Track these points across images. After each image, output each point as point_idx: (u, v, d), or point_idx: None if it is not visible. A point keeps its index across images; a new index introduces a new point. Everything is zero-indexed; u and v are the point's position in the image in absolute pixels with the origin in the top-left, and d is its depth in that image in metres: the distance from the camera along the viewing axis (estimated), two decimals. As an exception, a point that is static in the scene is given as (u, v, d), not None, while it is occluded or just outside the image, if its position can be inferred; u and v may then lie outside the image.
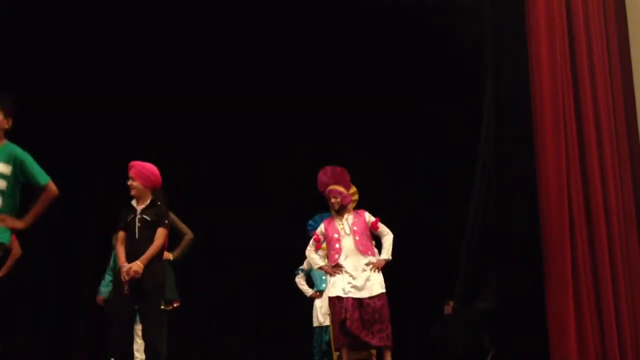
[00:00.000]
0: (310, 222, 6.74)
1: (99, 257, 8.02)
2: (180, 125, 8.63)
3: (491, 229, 6.40)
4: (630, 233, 6.10)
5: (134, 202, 5.51)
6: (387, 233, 5.84)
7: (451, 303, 7.48)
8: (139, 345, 6.51)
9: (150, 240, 5.37)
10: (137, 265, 5.22)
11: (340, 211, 5.85)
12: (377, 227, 5.85)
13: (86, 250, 8.41)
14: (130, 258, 5.33)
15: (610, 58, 6.36)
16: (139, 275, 5.22)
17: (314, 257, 5.92)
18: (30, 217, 4.54)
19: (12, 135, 4.63)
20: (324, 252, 6.12)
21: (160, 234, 5.41)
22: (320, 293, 6.81)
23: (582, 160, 6.07)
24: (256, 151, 8.97)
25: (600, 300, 5.85)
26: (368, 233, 5.83)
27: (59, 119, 8.34)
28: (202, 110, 8.66)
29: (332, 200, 5.84)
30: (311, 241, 5.97)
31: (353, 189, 6.18)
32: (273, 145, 9.00)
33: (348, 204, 5.89)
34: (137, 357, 6.54)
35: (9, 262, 6.37)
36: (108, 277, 6.82)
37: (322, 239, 5.89)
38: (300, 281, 7.04)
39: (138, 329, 6.48)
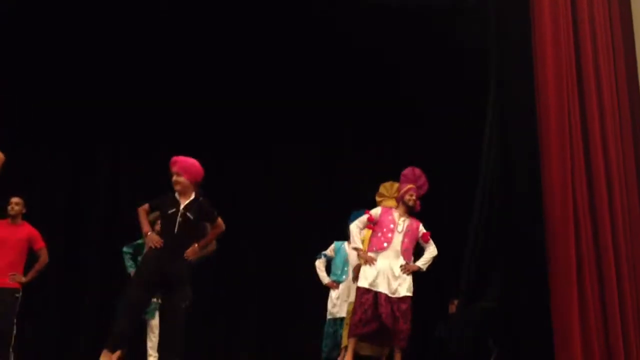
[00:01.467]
0: (354, 213, 6.55)
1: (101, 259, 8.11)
2: (180, 125, 8.63)
3: (496, 228, 6.39)
4: (635, 232, 6.09)
5: (177, 195, 5.46)
6: (434, 248, 6.05)
7: (456, 302, 7.48)
8: (153, 343, 6.54)
9: (189, 237, 5.38)
10: (195, 249, 5.35)
11: (407, 210, 6.01)
12: (428, 240, 6.04)
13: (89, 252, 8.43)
14: (166, 252, 5.30)
15: (615, 58, 6.37)
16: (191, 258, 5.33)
17: (358, 235, 5.96)
18: None
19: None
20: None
21: (219, 222, 5.53)
22: (337, 284, 6.77)
23: (587, 158, 6.07)
24: (256, 151, 8.97)
25: (605, 299, 5.84)
26: (415, 241, 5.99)
27: (64, 121, 8.36)
28: (201, 110, 8.66)
29: (412, 196, 6.00)
30: (362, 218, 6.02)
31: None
32: (273, 145, 9.00)
33: (418, 210, 6.08)
34: (150, 355, 6.57)
35: (35, 268, 6.46)
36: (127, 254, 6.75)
37: (374, 220, 5.96)
38: (320, 266, 6.96)
39: (154, 325, 6.52)
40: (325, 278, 6.90)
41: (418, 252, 6.07)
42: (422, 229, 6.03)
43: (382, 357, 6.04)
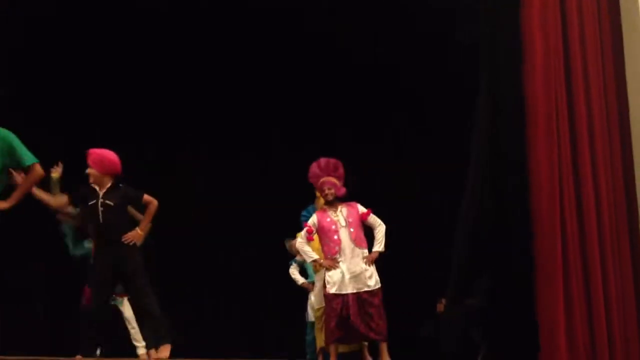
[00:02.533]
0: (303, 212, 6.57)
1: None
2: (178, 126, 8.65)
3: (483, 226, 6.42)
4: (622, 229, 6.12)
5: (96, 187, 5.56)
6: (380, 224, 5.79)
7: (443, 301, 7.50)
8: (133, 334, 6.56)
9: (116, 223, 5.46)
10: (137, 233, 5.43)
11: (333, 203, 5.79)
12: (367, 217, 5.78)
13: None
14: (101, 241, 5.47)
15: (603, 56, 6.38)
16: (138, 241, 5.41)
17: (307, 250, 5.77)
18: (14, 197, 4.59)
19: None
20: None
21: (148, 199, 5.56)
22: (313, 285, 6.70)
23: (574, 155, 6.09)
24: (254, 151, 8.99)
25: (590, 295, 5.87)
26: (361, 225, 5.78)
27: (59, 115, 8.37)
28: (200, 110, 8.69)
29: (326, 191, 5.76)
30: (302, 232, 5.86)
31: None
32: (272, 144, 9.03)
33: (342, 195, 5.82)
34: (137, 347, 6.59)
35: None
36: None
37: (314, 231, 5.78)
38: (294, 271, 6.94)
39: (130, 317, 6.54)
40: (299, 279, 6.84)
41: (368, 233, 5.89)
42: (361, 208, 5.82)
43: (363, 349, 5.97)
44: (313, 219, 5.83)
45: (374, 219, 5.81)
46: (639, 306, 5.99)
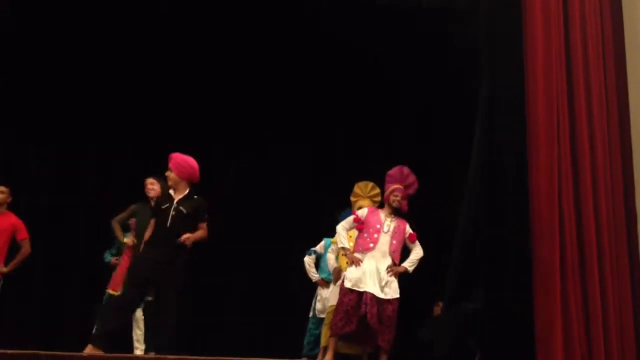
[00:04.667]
0: (342, 213, 6.55)
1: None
2: (176, 126, 8.64)
3: (481, 230, 6.40)
4: (619, 234, 6.10)
5: (171, 191, 5.62)
6: (420, 250, 5.96)
7: (441, 304, 7.48)
8: (138, 335, 6.56)
9: (181, 231, 5.45)
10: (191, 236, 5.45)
11: (393, 211, 5.94)
12: (414, 241, 5.95)
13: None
14: (155, 244, 5.44)
15: (605, 59, 6.38)
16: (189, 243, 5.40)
17: (344, 235, 5.87)
18: None
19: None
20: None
21: (203, 227, 5.57)
22: (327, 283, 6.63)
23: (574, 160, 6.09)
24: (251, 151, 8.98)
25: (588, 301, 5.85)
26: (402, 242, 5.92)
27: (53, 113, 8.36)
28: (198, 110, 8.68)
29: (396, 197, 5.92)
30: (349, 219, 5.95)
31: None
32: (270, 145, 9.01)
33: (404, 211, 5.99)
34: (137, 348, 6.60)
35: (17, 259, 6.47)
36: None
37: (361, 221, 5.87)
38: (310, 263, 6.80)
39: (139, 319, 6.53)
40: (314, 275, 6.76)
41: (405, 253, 6.01)
42: (408, 229, 5.95)
43: (364, 356, 5.99)
44: (363, 211, 5.98)
45: (417, 244, 5.97)
46: (636, 313, 5.97)
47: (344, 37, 8.02)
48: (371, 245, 5.76)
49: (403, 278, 5.92)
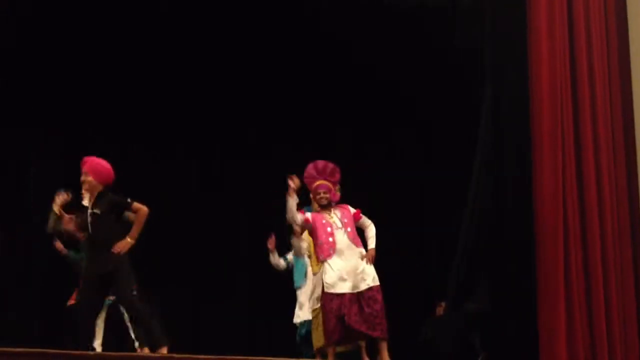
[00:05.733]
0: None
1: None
2: (174, 125, 8.62)
3: (485, 231, 6.40)
4: (624, 238, 6.10)
5: (84, 202, 5.54)
6: (370, 223, 5.74)
7: (443, 304, 7.48)
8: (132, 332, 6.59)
9: (105, 232, 5.41)
10: (127, 242, 5.35)
11: (326, 207, 5.73)
12: (360, 217, 5.73)
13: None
14: (92, 253, 5.47)
15: (609, 62, 6.37)
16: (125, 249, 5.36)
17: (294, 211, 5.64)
18: None
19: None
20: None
21: (137, 206, 5.46)
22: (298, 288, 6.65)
23: (578, 163, 6.07)
24: (252, 151, 8.97)
25: (591, 303, 5.85)
26: (354, 224, 5.72)
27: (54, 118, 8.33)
28: (196, 109, 8.66)
29: (321, 195, 5.71)
30: (300, 217, 5.68)
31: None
32: (272, 145, 9.00)
33: (336, 201, 5.78)
34: (136, 343, 6.63)
35: None
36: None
37: (309, 221, 5.68)
38: (278, 263, 6.86)
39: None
40: (281, 263, 6.85)
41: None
42: (351, 209, 5.76)
43: (362, 350, 5.89)
44: (309, 215, 5.75)
45: (364, 219, 5.76)
46: (640, 314, 5.97)
47: (344, 38, 8.01)
48: (330, 250, 5.56)
49: (404, 279, 5.90)
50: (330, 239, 5.60)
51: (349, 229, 5.63)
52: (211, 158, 8.94)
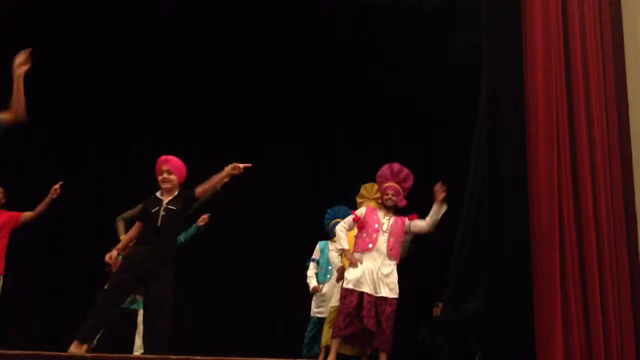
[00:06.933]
0: (329, 210, 6.67)
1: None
2: (173, 125, 8.65)
3: (482, 232, 6.40)
4: (619, 239, 6.08)
5: (158, 194, 5.60)
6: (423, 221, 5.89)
7: (440, 305, 7.49)
8: (137, 347, 6.54)
9: (172, 229, 5.52)
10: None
11: (389, 209, 5.91)
12: (415, 218, 5.90)
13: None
14: (149, 247, 5.42)
15: (604, 63, 6.37)
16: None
17: (343, 237, 5.84)
18: None
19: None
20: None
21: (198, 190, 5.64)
22: (322, 285, 6.70)
23: (574, 164, 6.07)
24: (247, 150, 8.96)
25: (588, 304, 5.84)
26: (401, 240, 5.89)
27: (53, 118, 8.35)
28: (195, 109, 8.68)
29: (389, 196, 5.89)
30: (348, 219, 5.93)
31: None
32: (265, 145, 9.01)
33: (402, 206, 5.96)
34: (136, 351, 6.57)
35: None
36: None
37: (360, 220, 5.84)
38: (312, 271, 6.85)
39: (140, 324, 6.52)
40: (312, 283, 6.80)
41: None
42: (407, 221, 5.92)
43: (364, 357, 6.00)
44: (361, 210, 5.94)
45: (418, 220, 5.91)
46: (636, 318, 5.96)
47: (344, 37, 8.02)
48: (370, 245, 5.75)
49: (400, 278, 5.91)
50: (375, 235, 5.77)
51: (392, 239, 5.77)
52: (212, 158, 8.95)
